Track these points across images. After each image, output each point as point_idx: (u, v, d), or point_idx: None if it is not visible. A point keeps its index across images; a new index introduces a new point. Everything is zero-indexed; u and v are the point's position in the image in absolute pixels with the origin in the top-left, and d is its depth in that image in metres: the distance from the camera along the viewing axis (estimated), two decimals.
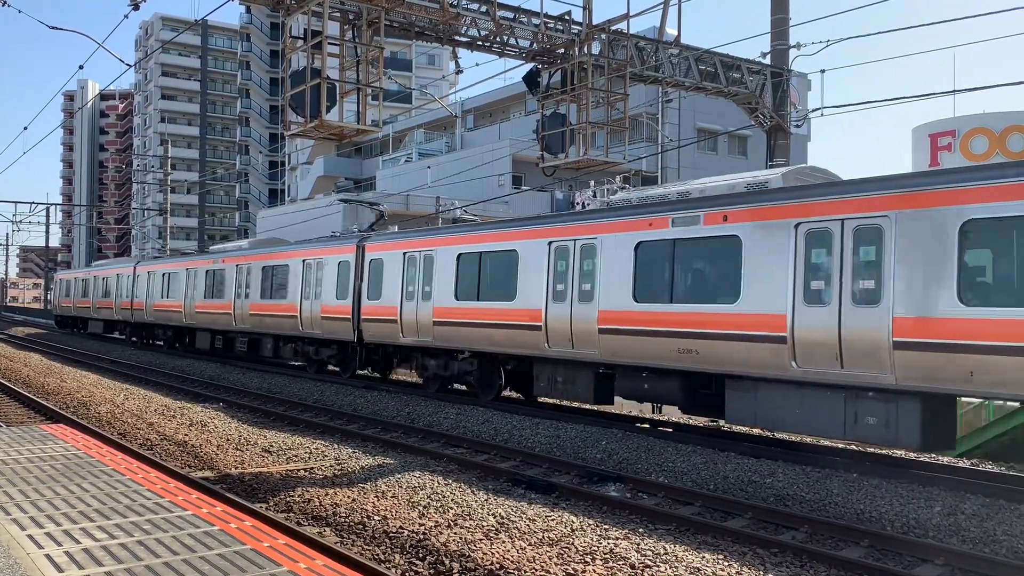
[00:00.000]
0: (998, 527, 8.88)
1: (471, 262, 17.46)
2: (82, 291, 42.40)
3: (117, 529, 5.67)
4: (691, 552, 8.17)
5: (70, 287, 45.86)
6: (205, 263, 29.98)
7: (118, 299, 37.83)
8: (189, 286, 30.90)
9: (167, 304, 32.61)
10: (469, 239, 17.77)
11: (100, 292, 40.34)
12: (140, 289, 35.40)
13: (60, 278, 49.13)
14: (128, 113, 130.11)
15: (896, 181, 10.94)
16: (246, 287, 26.33)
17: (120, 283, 37.81)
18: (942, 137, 30.64)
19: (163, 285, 33.16)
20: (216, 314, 28.44)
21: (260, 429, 15.27)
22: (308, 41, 14.77)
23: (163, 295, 33.14)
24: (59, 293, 48.19)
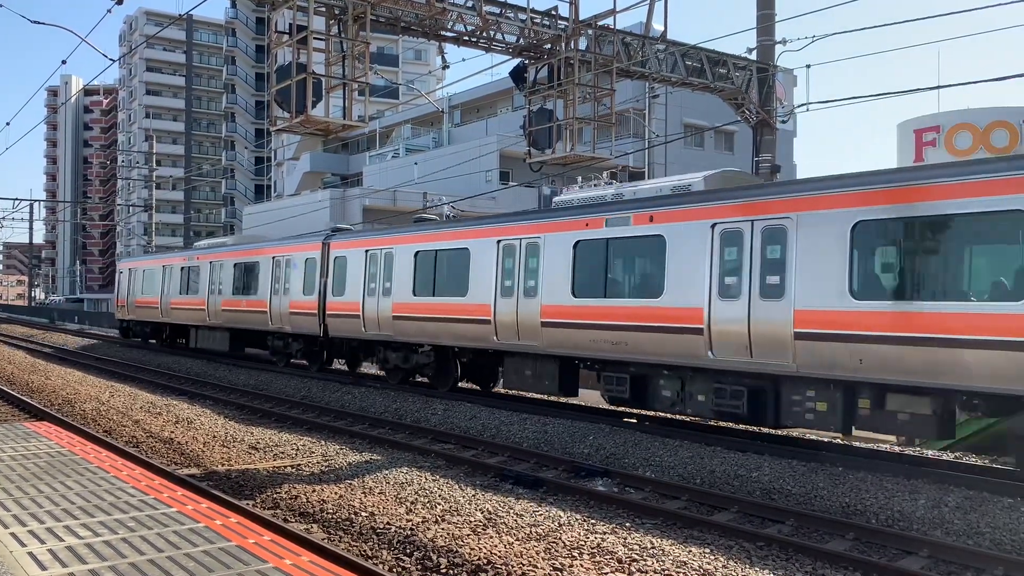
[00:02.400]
0: (981, 519, 8.96)
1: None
2: (187, 284, 29.62)
3: (101, 526, 5.63)
4: (678, 546, 8.20)
5: (163, 279, 31.68)
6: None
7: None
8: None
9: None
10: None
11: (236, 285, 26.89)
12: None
13: (132, 267, 36.03)
14: (112, 109, 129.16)
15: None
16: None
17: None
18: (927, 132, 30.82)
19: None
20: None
21: (247, 426, 15.21)
22: (294, 36, 14.69)
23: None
24: (130, 289, 35.21)
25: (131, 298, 35.06)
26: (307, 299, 22.02)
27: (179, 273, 29.85)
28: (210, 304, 27.23)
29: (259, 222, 46.85)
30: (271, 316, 23.72)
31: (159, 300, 31.30)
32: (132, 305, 34.93)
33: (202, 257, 28.45)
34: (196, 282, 28.40)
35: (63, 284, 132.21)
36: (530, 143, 18.77)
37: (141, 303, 33.57)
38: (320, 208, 41.43)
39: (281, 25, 15.74)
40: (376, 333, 19.50)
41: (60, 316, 67.45)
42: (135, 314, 34.65)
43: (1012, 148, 28.27)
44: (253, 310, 24.63)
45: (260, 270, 24.56)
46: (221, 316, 26.62)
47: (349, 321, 20.33)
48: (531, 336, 15.69)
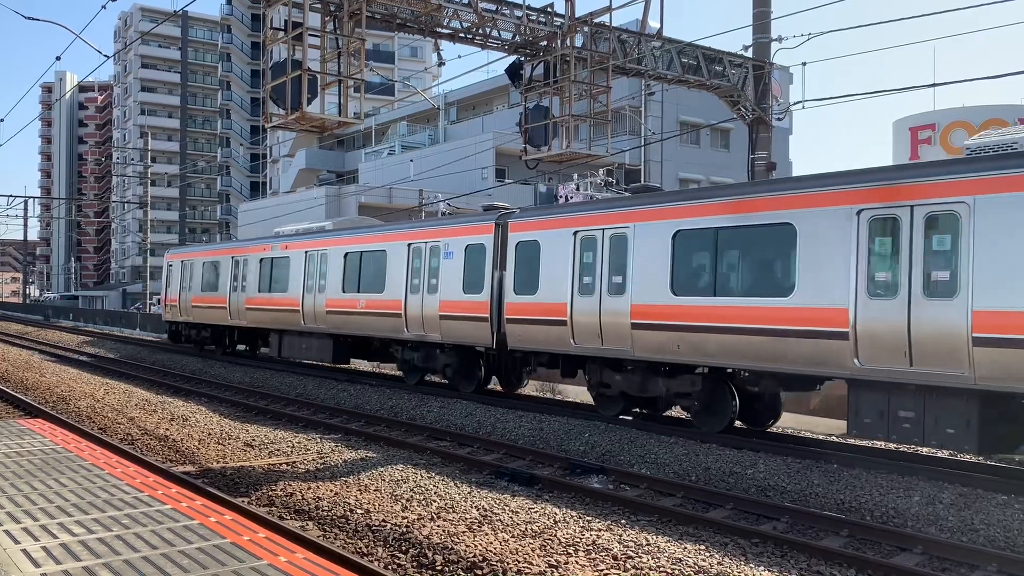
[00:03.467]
0: (975, 516, 8.98)
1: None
2: (270, 279, 24.26)
3: (95, 524, 5.62)
4: (673, 543, 8.20)
5: (233, 273, 26.11)
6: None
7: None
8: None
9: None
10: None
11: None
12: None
13: (186, 259, 30.01)
14: (107, 105, 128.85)
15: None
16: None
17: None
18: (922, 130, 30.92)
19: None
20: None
21: (242, 423, 15.19)
22: (289, 32, 14.65)
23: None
24: (182, 285, 29.53)
25: (184, 296, 28.88)
26: (470, 298, 16.90)
27: (257, 266, 24.53)
28: (307, 304, 21.88)
29: (254, 219, 46.75)
30: (407, 320, 18.40)
31: (227, 299, 26.04)
32: (186, 305, 28.79)
33: (293, 246, 23.06)
34: (284, 276, 23.12)
35: (57, 281, 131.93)
36: (526, 140, 18.75)
37: (200, 302, 27.91)
38: (316, 205, 41.36)
39: (276, 21, 15.67)
40: (595, 347, 14.54)
41: (54, 314, 67.31)
42: (190, 315, 28.60)
43: None
44: (376, 312, 19.34)
45: (389, 261, 19.28)
46: (324, 320, 21.21)
47: (546, 329, 15.36)
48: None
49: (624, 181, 39.80)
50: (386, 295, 19.07)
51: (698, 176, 43.89)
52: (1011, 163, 9.87)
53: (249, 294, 24.81)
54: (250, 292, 24.79)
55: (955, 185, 10.18)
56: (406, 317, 18.44)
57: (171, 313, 30.71)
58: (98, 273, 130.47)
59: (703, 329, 12.75)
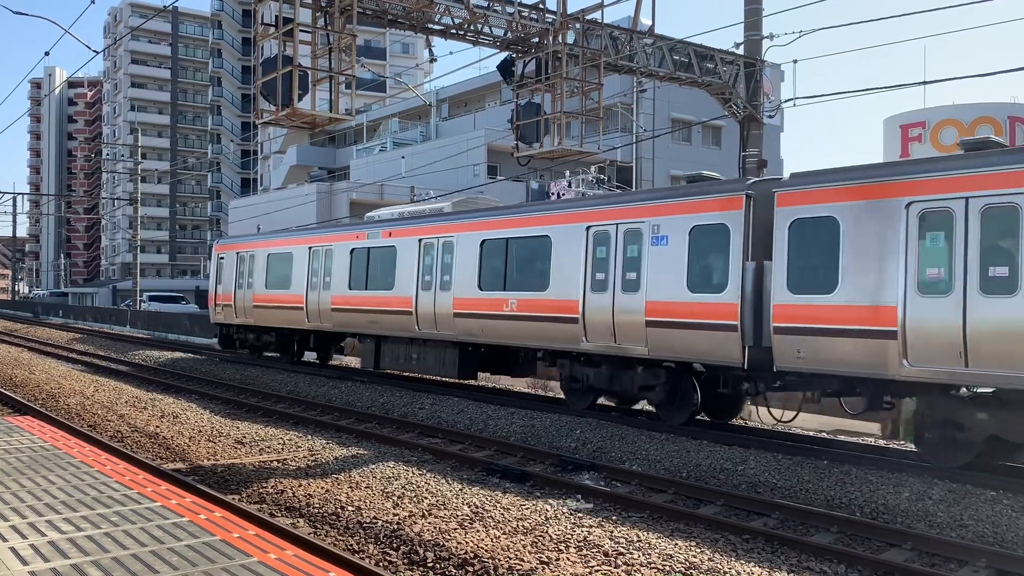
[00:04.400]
0: (964, 512, 9.03)
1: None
2: (366, 274, 20.07)
3: (84, 521, 5.59)
4: (664, 539, 8.22)
5: (313, 267, 21.70)
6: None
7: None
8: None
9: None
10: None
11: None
12: None
13: (245, 250, 24.96)
14: (97, 101, 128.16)
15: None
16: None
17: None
18: (913, 128, 31.02)
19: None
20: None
21: (233, 420, 15.14)
22: (280, 28, 14.58)
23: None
24: (239, 281, 24.92)
25: (243, 295, 24.26)
26: (702, 298, 12.94)
27: (347, 258, 20.35)
28: (423, 304, 17.84)
29: (245, 216, 46.57)
30: (586, 327, 14.43)
31: (303, 297, 21.64)
32: (244, 304, 24.20)
33: (400, 232, 19.03)
34: (388, 270, 19.13)
35: (47, 278, 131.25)
36: (517, 137, 18.72)
37: (265, 301, 23.31)
38: (307, 202, 41.25)
39: (267, 17, 15.58)
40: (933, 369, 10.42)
41: (44, 311, 66.97)
42: (250, 317, 23.99)
43: None
44: (537, 316, 15.39)
45: (555, 251, 15.29)
46: (448, 324, 17.21)
47: (842, 344, 11.22)
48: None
49: (615, 178, 39.87)
50: (551, 293, 15.10)
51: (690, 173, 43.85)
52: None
53: (336, 292, 20.50)
54: (337, 289, 20.49)
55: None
56: (585, 322, 14.37)
57: (223, 314, 25.60)
58: (88, 270, 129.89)
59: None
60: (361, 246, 20.05)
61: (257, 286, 23.76)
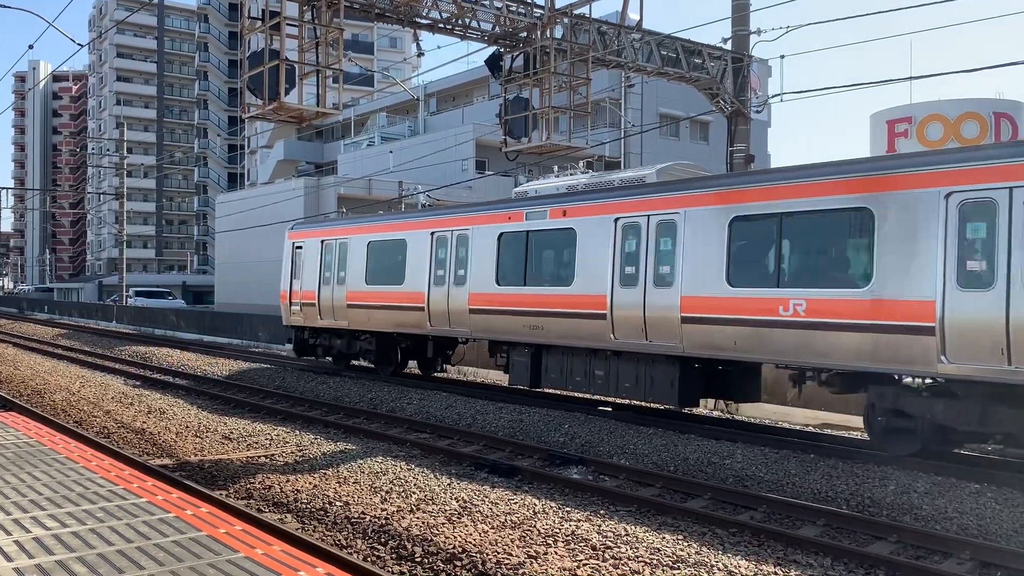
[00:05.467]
0: (949, 504, 9.10)
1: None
2: (523, 266, 16.17)
3: (69, 517, 5.56)
4: (651, 533, 8.25)
5: (439, 257, 17.78)
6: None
7: None
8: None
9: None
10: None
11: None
12: None
13: (332, 237, 20.88)
14: (82, 95, 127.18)
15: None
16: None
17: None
18: (899, 123, 31.14)
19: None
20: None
21: (220, 416, 15.09)
22: (266, 22, 14.51)
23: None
24: (325, 275, 20.77)
25: (331, 292, 20.21)
26: None
27: (494, 245, 16.25)
28: (624, 304, 13.80)
29: (232, 210, 46.33)
30: (946, 341, 10.10)
31: (424, 294, 17.55)
32: (333, 304, 20.07)
33: (585, 210, 14.77)
34: (562, 260, 15.38)
35: (32, 273, 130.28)
36: (506, 132, 18.71)
37: (364, 300, 19.29)
38: (294, 197, 41.09)
39: (254, 11, 15.53)
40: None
41: (29, 306, 66.49)
42: (343, 319, 19.84)
43: (982, 139, 28.66)
44: (839, 324, 11.12)
45: (881, 230, 10.88)
46: (671, 331, 13.08)
47: None
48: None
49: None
50: (878, 292, 10.77)
51: None
52: None
53: (476, 288, 16.46)
54: (477, 285, 16.46)
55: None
56: (945, 333, 10.06)
57: (302, 315, 21.29)
58: (73, 265, 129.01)
59: None
60: (515, 230, 15.97)
61: (352, 281, 19.67)
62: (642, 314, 13.56)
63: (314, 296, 20.81)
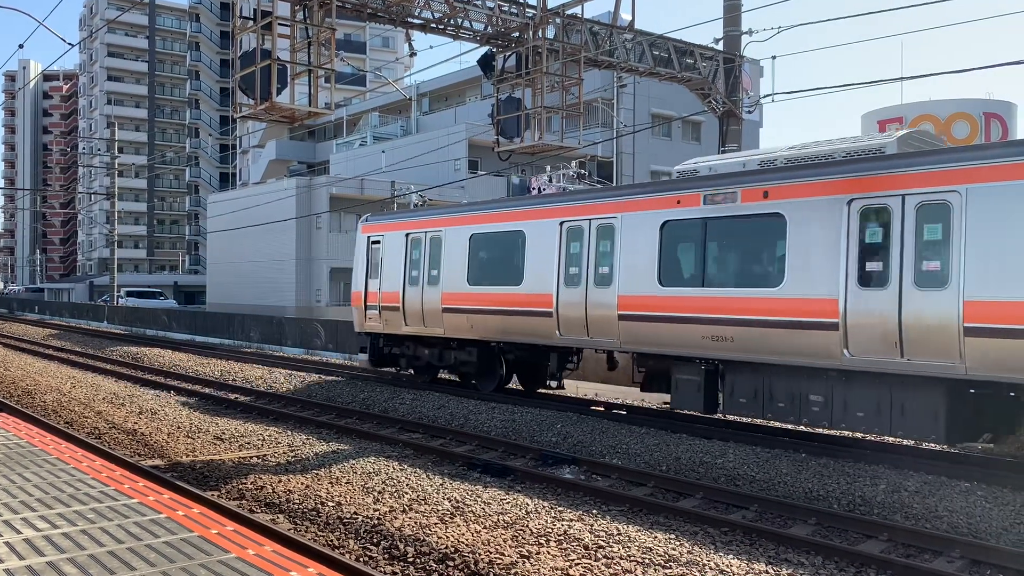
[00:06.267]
0: (939, 503, 9.14)
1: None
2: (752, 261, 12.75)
3: (60, 519, 5.54)
4: (643, 532, 8.26)
5: (557, 249, 14.96)
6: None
7: None
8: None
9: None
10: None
11: None
12: None
13: (420, 230, 18.05)
14: (73, 95, 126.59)
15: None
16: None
17: None
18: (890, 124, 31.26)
19: None
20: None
21: (212, 416, 15.05)
22: (258, 22, 14.49)
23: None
24: (411, 274, 18.12)
25: (420, 293, 17.48)
26: None
27: (656, 237, 13.41)
28: (861, 312, 10.92)
29: (224, 210, 46.21)
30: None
31: (552, 297, 14.82)
32: (425, 308, 17.30)
33: (799, 189, 11.78)
34: (760, 255, 12.45)
35: (22, 273, 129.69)
36: (498, 132, 18.72)
37: (466, 303, 16.54)
38: (286, 197, 41.02)
39: (245, 11, 15.50)
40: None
41: (20, 306, 66.18)
42: (436, 325, 17.10)
43: (972, 139, 28.82)
44: None
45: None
46: (946, 346, 10.07)
47: None
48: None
49: (596, 173, 39.93)
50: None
51: (669, 168, 44.09)
52: None
53: (628, 289, 13.65)
54: (629, 286, 13.64)
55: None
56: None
57: (382, 321, 18.50)
58: (64, 265, 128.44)
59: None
60: (687, 217, 13.10)
61: (449, 281, 16.85)
62: (896, 324, 10.42)
63: (398, 298, 18.02)
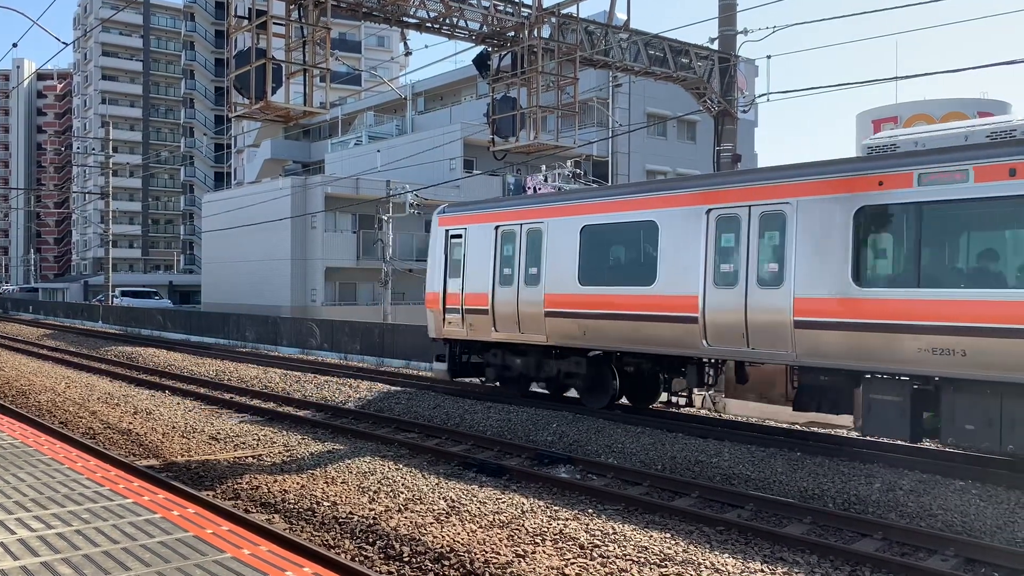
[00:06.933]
0: (934, 502, 9.17)
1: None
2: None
3: (55, 519, 5.52)
4: (639, 531, 8.27)
5: (747, 243, 12.12)
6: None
7: None
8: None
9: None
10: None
11: None
12: None
13: (519, 219, 15.83)
14: (67, 94, 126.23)
15: None
16: None
17: None
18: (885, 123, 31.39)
19: None
20: None
21: (207, 416, 15.03)
22: (253, 21, 14.43)
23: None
24: (502, 272, 15.90)
25: (513, 294, 15.43)
26: None
27: (846, 228, 11.03)
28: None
29: (219, 210, 46.12)
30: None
31: (697, 300, 12.59)
32: (520, 311, 15.24)
33: None
34: (990, 253, 10.26)
35: (16, 273, 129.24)
36: (493, 131, 18.68)
37: (572, 306, 14.47)
38: (281, 196, 40.95)
39: (240, 10, 15.45)
40: None
41: (14, 306, 65.98)
42: (539, 331, 14.95)
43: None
44: None
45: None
46: None
47: None
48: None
49: (592, 173, 39.97)
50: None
51: (665, 168, 44.18)
52: None
53: (805, 290, 11.29)
54: (807, 287, 11.28)
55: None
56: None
57: (466, 326, 16.42)
58: (59, 265, 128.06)
59: None
60: (892, 202, 10.64)
61: (554, 280, 14.81)
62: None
63: (487, 300, 15.89)
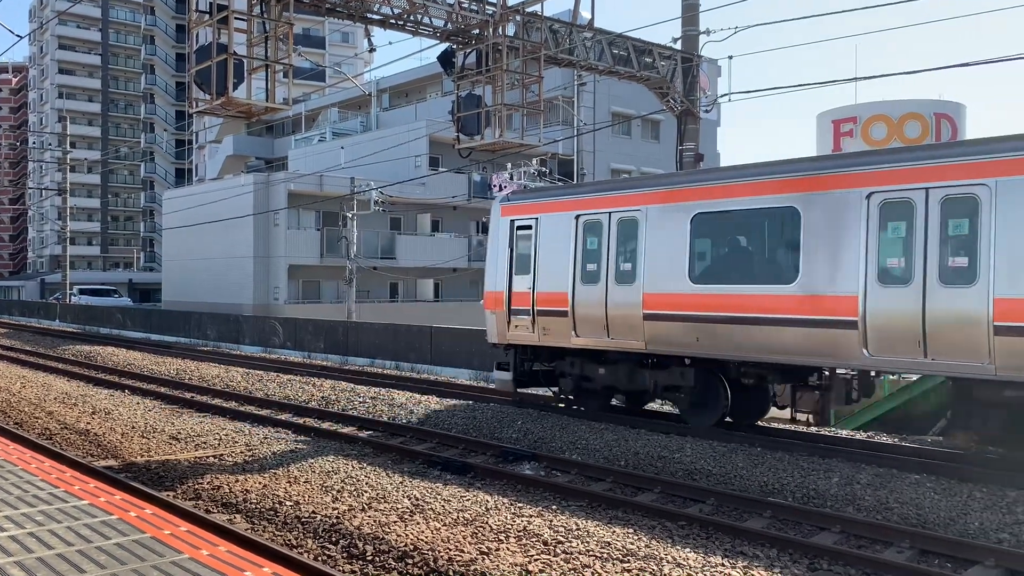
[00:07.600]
0: (890, 495, 9.35)
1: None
2: None
3: (7, 522, 5.41)
4: (602, 527, 8.32)
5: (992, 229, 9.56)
6: None
7: None
8: None
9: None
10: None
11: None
12: None
13: (608, 207, 13.72)
14: (22, 88, 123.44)
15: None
16: None
17: None
18: (844, 123, 31.84)
19: None
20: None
21: (168, 416, 14.82)
22: (214, 15, 14.24)
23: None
24: (585, 268, 13.90)
25: (599, 294, 13.60)
26: None
27: None
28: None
29: (180, 207, 45.45)
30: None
31: (858, 300, 10.60)
32: (609, 313, 13.37)
33: None
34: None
35: None
36: (459, 129, 18.64)
37: (680, 307, 12.62)
38: (244, 193, 40.46)
39: (201, 4, 15.19)
40: None
41: None
42: (635, 336, 13.08)
43: (923, 138, 29.42)
44: None
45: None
46: None
47: None
48: None
49: (557, 171, 40.07)
50: None
51: (629, 166, 44.45)
52: None
53: (1013, 291, 9.51)
54: (1016, 286, 9.49)
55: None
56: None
57: (538, 330, 14.50)
58: (14, 263, 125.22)
59: None
60: None
61: (656, 278, 12.94)
62: None
63: (565, 301, 14.03)
